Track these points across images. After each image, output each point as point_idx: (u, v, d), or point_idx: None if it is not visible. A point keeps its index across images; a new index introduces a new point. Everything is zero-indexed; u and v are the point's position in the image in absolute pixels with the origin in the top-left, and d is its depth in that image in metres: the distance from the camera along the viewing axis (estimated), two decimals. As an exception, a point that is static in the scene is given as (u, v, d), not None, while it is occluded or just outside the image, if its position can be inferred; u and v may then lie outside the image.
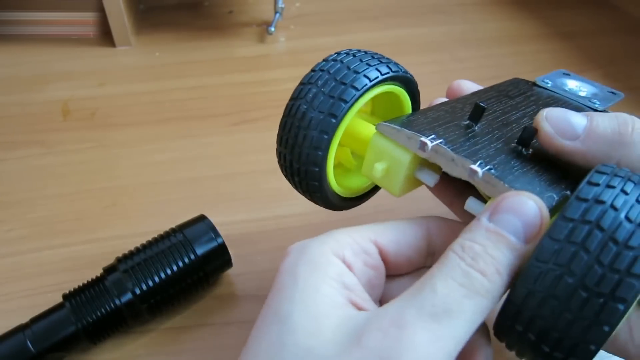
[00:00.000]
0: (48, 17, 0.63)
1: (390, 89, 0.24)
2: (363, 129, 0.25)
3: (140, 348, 0.31)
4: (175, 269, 0.30)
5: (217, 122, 0.50)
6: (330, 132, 0.22)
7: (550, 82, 0.29)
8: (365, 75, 0.23)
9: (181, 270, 0.31)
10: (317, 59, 0.25)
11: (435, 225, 0.21)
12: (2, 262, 0.36)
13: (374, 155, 0.23)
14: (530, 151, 0.21)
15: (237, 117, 0.51)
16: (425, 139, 0.20)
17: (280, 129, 0.24)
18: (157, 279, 0.30)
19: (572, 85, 0.29)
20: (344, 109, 0.22)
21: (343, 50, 0.25)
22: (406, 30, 0.66)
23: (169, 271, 0.30)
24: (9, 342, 0.28)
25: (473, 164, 0.19)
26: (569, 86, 0.29)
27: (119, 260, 0.31)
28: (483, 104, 0.22)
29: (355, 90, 0.22)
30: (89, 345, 0.30)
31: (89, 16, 0.63)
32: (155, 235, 0.32)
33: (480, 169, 0.19)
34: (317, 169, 0.23)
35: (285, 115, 0.24)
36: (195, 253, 0.31)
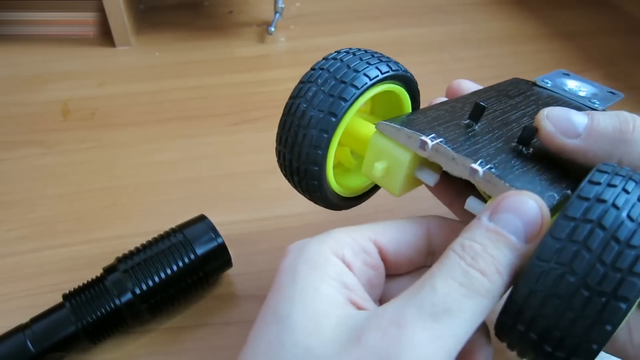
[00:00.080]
0: (48, 17, 0.63)
1: (390, 88, 0.24)
2: (363, 128, 0.25)
3: (140, 348, 0.31)
4: (175, 269, 0.30)
5: (217, 122, 0.50)
6: (330, 131, 0.22)
7: (550, 82, 0.29)
8: (365, 74, 0.23)
9: (181, 270, 0.31)
10: (317, 59, 0.24)
11: (436, 224, 0.21)
12: (2, 262, 0.36)
13: (373, 155, 0.23)
14: (531, 150, 0.21)
15: (237, 117, 0.51)
16: (426, 137, 0.20)
17: (280, 128, 0.24)
18: (157, 279, 0.30)
19: (572, 85, 0.29)
20: (344, 107, 0.22)
21: (343, 49, 0.25)
22: (406, 30, 0.66)
23: (169, 271, 0.30)
24: (9, 342, 0.28)
25: (474, 163, 0.19)
26: (568, 86, 0.29)
27: (119, 260, 0.31)
28: (483, 103, 0.22)
29: (355, 89, 0.22)
30: (89, 345, 0.30)
31: (89, 16, 0.63)
32: (155, 235, 0.32)
33: (481, 167, 0.19)
34: (316, 168, 0.23)
35: (284, 114, 0.24)
36: (195, 253, 0.31)
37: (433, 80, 0.54)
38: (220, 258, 0.32)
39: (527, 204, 0.17)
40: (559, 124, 0.20)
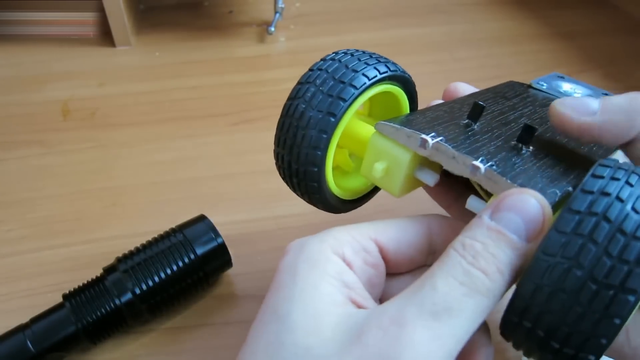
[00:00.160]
0: (48, 17, 0.63)
1: (388, 89, 0.24)
2: (362, 129, 0.24)
3: (140, 348, 0.31)
4: (175, 269, 0.30)
5: (216, 122, 0.50)
6: (329, 131, 0.22)
7: (546, 84, 0.29)
8: (363, 74, 0.23)
9: (181, 270, 0.31)
10: (317, 59, 0.24)
11: (436, 223, 0.21)
12: (2, 262, 0.36)
13: (373, 155, 0.23)
14: (531, 149, 0.21)
15: (237, 117, 0.51)
16: (426, 136, 0.20)
17: (278, 130, 0.24)
18: (157, 279, 0.30)
19: (567, 88, 0.29)
20: (342, 107, 0.22)
21: (341, 50, 0.25)
22: (406, 30, 0.66)
23: (169, 271, 0.30)
24: (9, 342, 0.28)
25: (475, 160, 0.19)
26: (563, 88, 0.29)
27: (119, 260, 0.31)
28: (482, 103, 0.22)
29: (354, 89, 0.22)
30: (89, 345, 0.30)
31: (89, 16, 0.63)
32: (155, 235, 0.32)
33: (482, 165, 0.19)
34: (316, 169, 0.23)
35: (283, 115, 0.23)
36: (195, 253, 0.31)
37: (433, 80, 0.55)
38: (220, 258, 0.32)
39: (529, 203, 0.17)
40: (573, 106, 0.21)
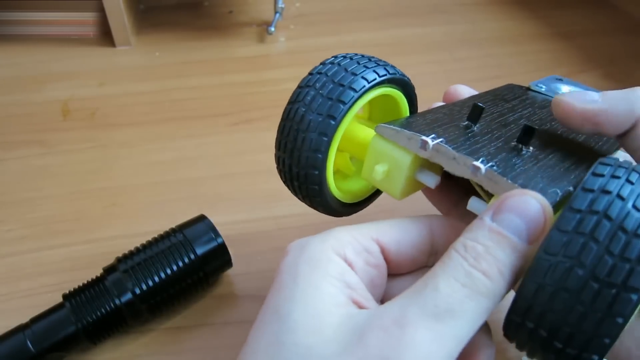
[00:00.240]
0: (48, 17, 0.63)
1: (387, 92, 0.24)
2: (362, 132, 0.24)
3: (140, 348, 0.31)
4: (175, 269, 0.30)
5: (216, 122, 0.50)
6: (329, 134, 0.22)
7: (544, 87, 0.29)
8: (363, 77, 0.23)
9: (181, 270, 0.31)
10: (317, 59, 0.24)
11: (438, 224, 0.21)
12: (2, 262, 0.36)
13: (374, 158, 0.23)
14: (531, 149, 0.21)
15: (237, 117, 0.51)
16: (427, 137, 0.20)
17: (279, 133, 0.24)
18: (157, 279, 0.30)
19: (565, 89, 0.29)
20: (342, 110, 0.22)
21: (340, 54, 0.25)
22: (406, 30, 0.66)
23: (169, 271, 0.30)
24: (9, 342, 0.28)
25: (475, 161, 0.19)
26: (562, 90, 0.29)
27: (119, 260, 0.31)
28: (481, 105, 0.22)
29: (354, 92, 0.22)
30: (89, 345, 0.30)
31: (89, 16, 0.63)
32: (155, 235, 0.32)
33: (483, 165, 0.19)
34: (316, 172, 0.23)
35: (283, 119, 0.24)
36: (195, 253, 0.31)
37: (433, 80, 0.55)
38: (220, 258, 0.32)
39: (530, 204, 0.17)
40: (575, 96, 0.22)
